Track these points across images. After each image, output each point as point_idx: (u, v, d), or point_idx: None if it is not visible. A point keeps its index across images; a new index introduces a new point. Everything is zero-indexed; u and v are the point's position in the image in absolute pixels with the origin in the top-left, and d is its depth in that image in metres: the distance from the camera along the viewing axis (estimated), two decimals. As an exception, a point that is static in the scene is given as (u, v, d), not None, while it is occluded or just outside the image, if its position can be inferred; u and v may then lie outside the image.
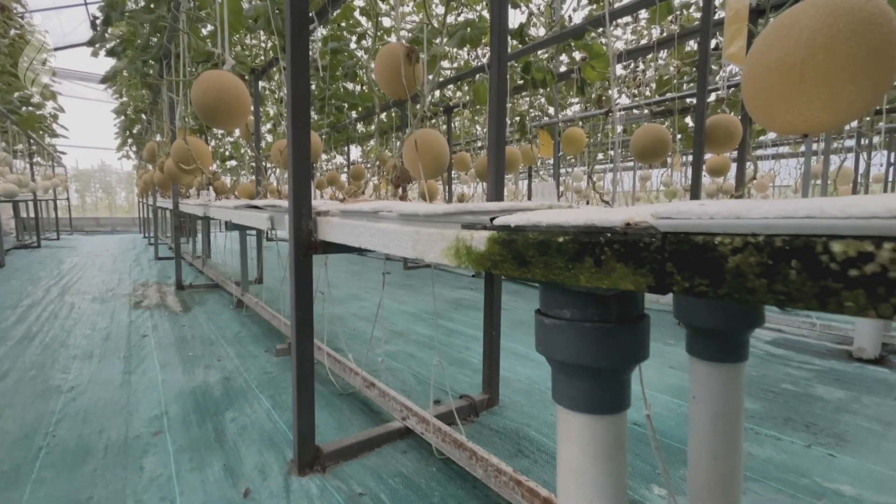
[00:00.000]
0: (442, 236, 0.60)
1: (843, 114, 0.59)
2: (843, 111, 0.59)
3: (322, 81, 4.48)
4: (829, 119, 0.61)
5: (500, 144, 1.28)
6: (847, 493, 0.95)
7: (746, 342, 0.71)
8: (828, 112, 0.60)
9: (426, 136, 1.59)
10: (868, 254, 0.26)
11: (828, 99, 0.59)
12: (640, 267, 0.37)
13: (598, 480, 0.50)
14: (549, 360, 0.53)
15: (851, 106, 0.58)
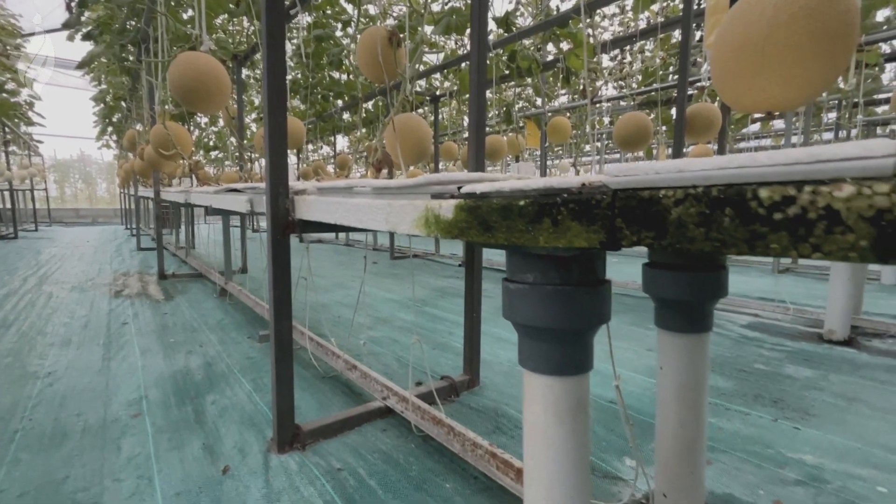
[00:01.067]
0: (413, 207, 0.61)
1: (804, 90, 0.61)
2: (804, 88, 0.61)
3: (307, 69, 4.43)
4: (790, 95, 0.63)
5: (480, 128, 1.28)
6: (809, 462, 0.99)
7: (710, 313, 0.74)
8: (789, 88, 0.62)
9: (407, 121, 1.59)
10: (791, 197, 0.28)
11: (789, 76, 0.61)
12: (592, 224, 0.39)
13: (560, 439, 0.52)
14: (515, 326, 0.54)
15: (811, 82, 0.60)
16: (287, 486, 0.89)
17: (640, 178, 0.36)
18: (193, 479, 0.91)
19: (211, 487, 0.88)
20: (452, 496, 0.86)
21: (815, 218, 0.27)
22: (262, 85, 0.94)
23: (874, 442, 1.07)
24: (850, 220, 0.26)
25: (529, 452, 0.55)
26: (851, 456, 1.01)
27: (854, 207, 0.25)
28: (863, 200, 0.25)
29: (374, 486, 0.89)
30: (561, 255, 0.49)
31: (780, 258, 3.79)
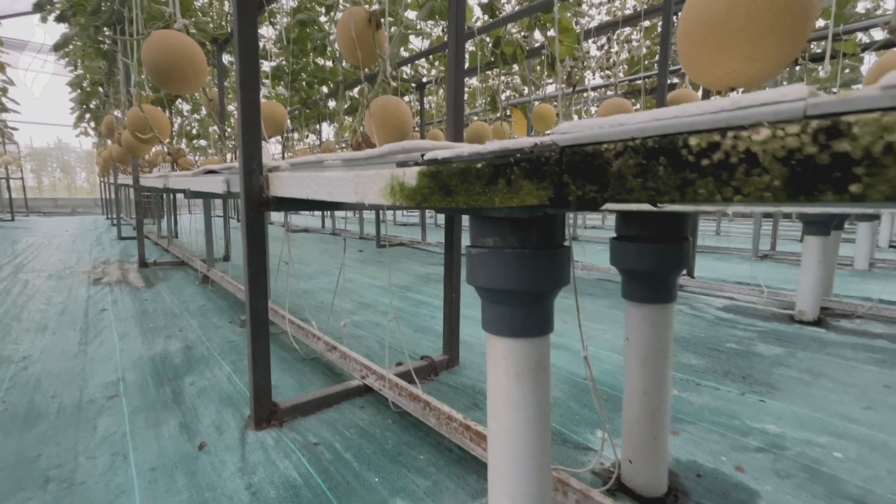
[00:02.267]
0: (379, 177, 0.61)
1: (764, 65, 0.63)
2: (764, 63, 0.62)
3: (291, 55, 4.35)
4: (751, 71, 0.64)
5: (458, 110, 1.29)
6: (771, 431, 1.03)
7: (674, 284, 0.76)
8: (750, 64, 0.63)
9: (387, 103, 1.58)
10: (716, 143, 0.29)
11: (749, 51, 0.62)
12: (542, 181, 0.40)
13: (521, 398, 0.54)
14: (478, 290, 0.55)
15: (771, 58, 0.62)
16: (263, 459, 0.90)
17: (584, 133, 0.37)
18: (169, 455, 0.92)
19: (187, 462, 0.89)
20: (426, 467, 0.88)
21: (736, 162, 0.28)
22: (235, 58, 0.92)
23: (834, 412, 1.12)
24: (765, 162, 0.27)
25: (492, 413, 0.57)
26: (812, 425, 1.06)
27: (769, 149, 0.27)
28: (776, 142, 0.26)
29: (349, 458, 0.91)
30: (520, 219, 0.50)
31: (756, 252, 3.88)
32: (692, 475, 0.87)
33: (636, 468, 0.82)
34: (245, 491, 0.80)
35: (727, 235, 5.87)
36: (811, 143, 0.25)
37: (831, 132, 0.25)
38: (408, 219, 9.79)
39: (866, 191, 0.24)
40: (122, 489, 0.81)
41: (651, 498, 0.81)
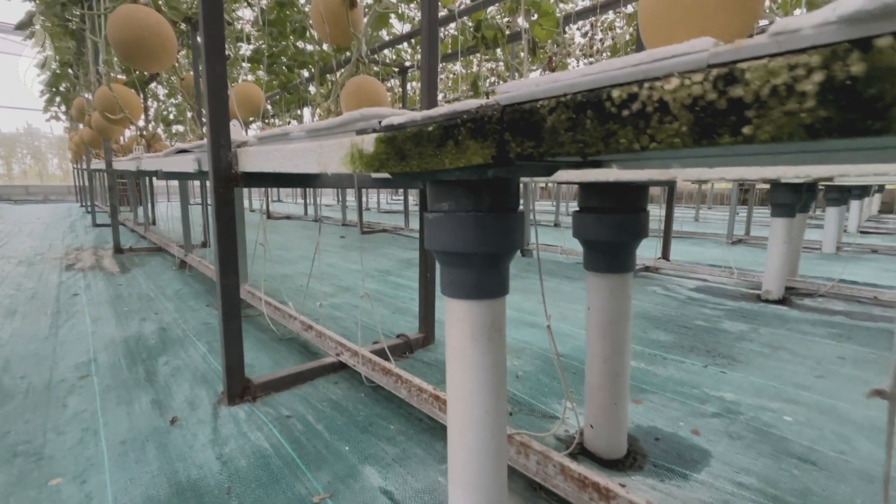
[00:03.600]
0: (340, 145, 0.62)
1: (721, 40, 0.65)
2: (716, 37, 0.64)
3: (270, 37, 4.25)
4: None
5: (431, 88, 1.29)
6: (728, 398, 1.08)
7: (632, 254, 0.79)
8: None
9: (362, 83, 1.57)
10: (634, 94, 0.31)
11: (704, 26, 0.64)
12: (485, 140, 0.41)
13: (477, 358, 0.56)
14: (436, 255, 0.57)
15: (723, 33, 0.64)
16: (235, 432, 0.91)
17: (522, 91, 0.38)
18: (140, 429, 0.92)
19: (158, 436, 0.90)
20: (396, 436, 0.91)
21: (651, 111, 0.30)
22: (199, 29, 0.91)
23: (789, 381, 1.18)
24: (675, 109, 0.29)
25: (450, 374, 0.59)
26: (766, 393, 1.11)
27: (678, 98, 0.29)
28: (684, 90, 0.28)
29: (321, 429, 0.92)
30: (472, 183, 0.52)
31: (731, 236, 3.98)
32: (651, 439, 0.91)
33: (597, 432, 0.85)
34: (216, 461, 0.81)
35: (705, 221, 6.00)
36: (712, 90, 0.27)
37: (728, 79, 0.26)
38: (391, 206, 9.74)
39: (756, 132, 0.26)
40: (92, 462, 0.82)
41: (611, 460, 0.85)
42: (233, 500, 0.72)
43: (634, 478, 0.79)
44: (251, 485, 0.75)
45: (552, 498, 0.73)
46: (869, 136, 0.22)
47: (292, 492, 0.73)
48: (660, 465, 0.83)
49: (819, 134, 0.24)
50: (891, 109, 0.21)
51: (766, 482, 0.77)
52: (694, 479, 0.79)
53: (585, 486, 0.68)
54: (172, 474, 0.78)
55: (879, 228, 5.06)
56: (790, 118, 0.24)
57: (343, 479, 0.77)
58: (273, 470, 0.79)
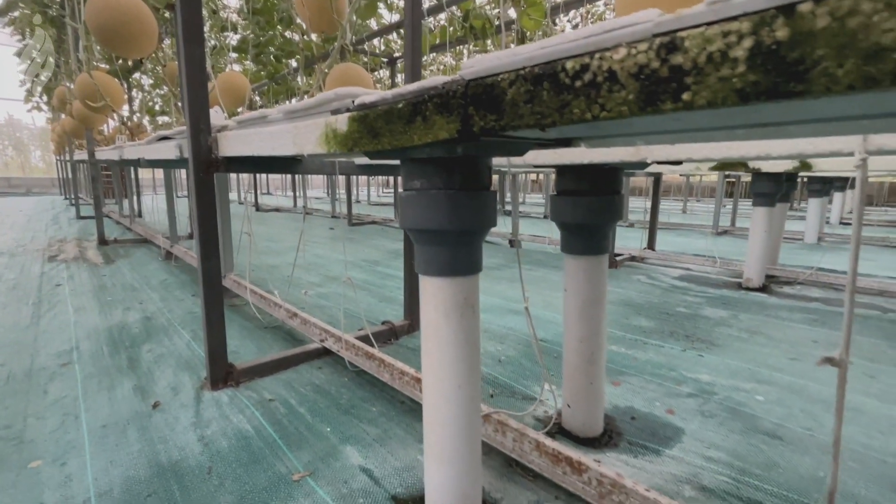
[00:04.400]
0: (315, 126, 0.63)
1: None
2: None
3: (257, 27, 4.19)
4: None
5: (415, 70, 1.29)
6: (703, 379, 1.11)
7: (607, 236, 0.80)
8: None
9: (347, 70, 1.56)
10: (586, 65, 0.32)
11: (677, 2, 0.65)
12: (451, 114, 0.42)
13: (450, 334, 0.57)
14: (410, 233, 0.58)
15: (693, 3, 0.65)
16: (217, 415, 0.92)
17: (484, 65, 0.39)
18: (122, 413, 0.92)
19: (139, 420, 0.90)
20: (378, 417, 0.92)
21: (601, 80, 0.31)
22: (176, 13, 0.90)
23: (763, 363, 1.21)
24: (623, 78, 0.30)
25: (425, 350, 0.60)
26: (741, 374, 1.14)
27: (625, 67, 0.30)
28: (631, 60, 0.29)
29: (303, 412, 0.93)
30: (443, 161, 0.53)
31: (716, 227, 4.03)
32: (627, 418, 0.94)
33: (574, 412, 0.87)
34: (197, 442, 0.82)
35: (692, 213, 6.07)
36: (655, 59, 0.28)
37: (670, 47, 0.28)
38: (382, 199, 9.71)
39: (694, 98, 0.27)
40: (73, 445, 0.82)
41: (587, 438, 0.87)
42: (213, 479, 0.72)
43: (609, 454, 0.82)
44: (232, 464, 0.76)
45: (528, 473, 0.75)
46: (792, 98, 0.24)
47: (273, 471, 0.74)
48: (634, 443, 0.85)
49: (749, 98, 0.25)
50: (810, 72, 0.23)
51: (734, 456, 0.80)
52: (666, 455, 0.81)
53: (559, 461, 0.70)
54: (153, 455, 0.78)
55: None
56: (724, 83, 0.26)
57: (323, 458, 0.78)
58: (254, 450, 0.80)
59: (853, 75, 0.22)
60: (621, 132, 0.48)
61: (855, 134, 0.45)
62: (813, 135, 0.41)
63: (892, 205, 7.92)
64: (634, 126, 0.42)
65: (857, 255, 0.45)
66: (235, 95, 2.22)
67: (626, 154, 0.68)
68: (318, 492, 0.69)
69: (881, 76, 0.21)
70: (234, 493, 0.69)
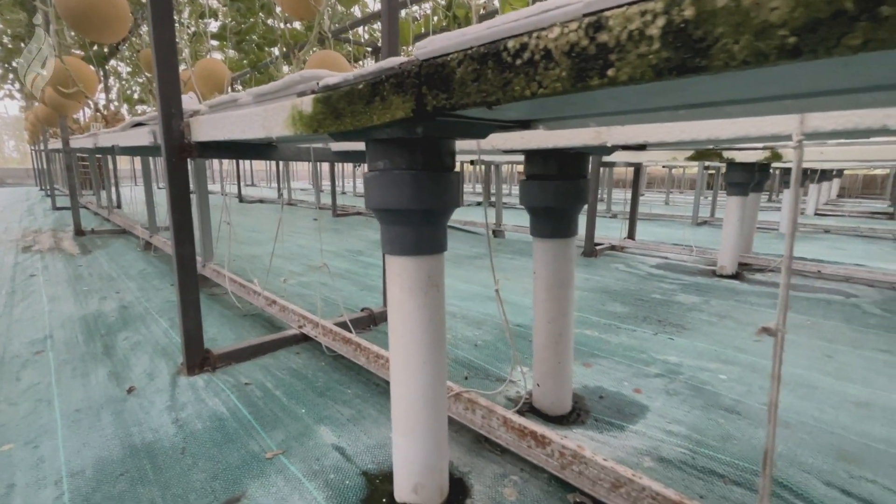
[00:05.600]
0: (282, 108, 0.63)
1: None
2: None
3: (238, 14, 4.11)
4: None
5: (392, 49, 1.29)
6: (672, 361, 1.15)
7: (574, 220, 0.83)
8: None
9: (325, 58, 1.56)
10: (525, 44, 0.33)
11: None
12: (406, 94, 0.43)
13: (414, 311, 0.59)
14: (376, 214, 0.59)
15: None
16: (192, 399, 0.92)
17: (436, 46, 0.40)
18: (96, 399, 0.93)
19: (114, 404, 0.90)
20: (352, 399, 0.94)
21: (538, 59, 0.33)
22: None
23: (729, 345, 1.26)
24: (557, 56, 0.32)
25: (391, 328, 0.62)
26: (707, 355, 1.19)
27: (559, 45, 0.31)
28: (563, 38, 0.31)
29: (278, 395, 0.95)
30: (406, 142, 0.54)
31: (696, 218, 4.11)
32: (596, 397, 0.97)
33: (543, 391, 0.90)
34: (172, 425, 0.83)
35: (674, 205, 6.17)
36: (584, 37, 0.30)
37: (597, 26, 0.29)
38: (369, 191, 9.63)
39: (617, 73, 0.29)
40: (45, 429, 0.82)
41: (556, 416, 0.90)
42: (187, 458, 0.74)
43: (576, 430, 0.85)
44: (206, 444, 0.77)
45: (496, 449, 0.78)
46: (697, 73, 0.26)
47: (246, 450, 0.76)
48: (601, 420, 0.89)
49: (662, 73, 0.27)
50: (712, 48, 0.25)
51: (694, 430, 0.84)
52: (630, 430, 0.84)
53: (524, 436, 0.73)
54: (127, 438, 0.79)
55: (835, 211, 5.31)
56: (642, 59, 0.28)
57: (297, 437, 0.80)
58: (228, 431, 0.81)
59: (747, 51, 0.24)
60: (573, 113, 0.50)
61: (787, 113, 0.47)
62: (744, 115, 0.43)
63: (866, 196, 8.16)
64: (580, 106, 0.44)
65: (793, 236, 0.48)
66: (214, 82, 2.19)
67: (587, 138, 0.70)
68: (291, 468, 0.71)
69: (769, 51, 0.23)
70: (208, 472, 0.70)
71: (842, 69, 0.26)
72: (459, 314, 1.50)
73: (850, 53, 0.21)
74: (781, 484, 0.69)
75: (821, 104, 0.41)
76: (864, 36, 0.20)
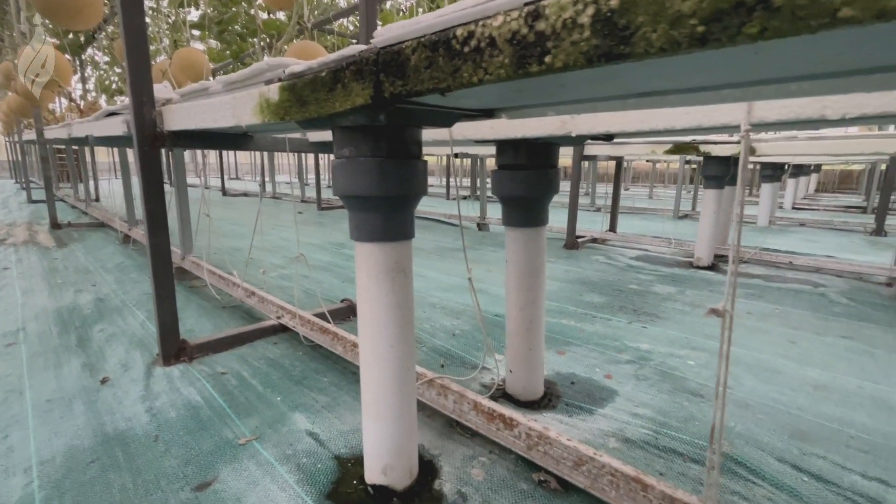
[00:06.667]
0: (250, 96, 0.63)
1: None
2: None
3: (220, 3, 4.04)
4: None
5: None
6: (643, 348, 1.19)
7: (544, 209, 0.84)
8: None
9: (304, 48, 1.55)
10: (472, 32, 0.35)
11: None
12: (365, 81, 0.44)
13: (381, 297, 0.60)
14: (342, 199, 0.60)
15: None
16: (167, 388, 0.93)
17: (393, 33, 0.41)
18: (68, 389, 0.92)
19: (87, 394, 0.90)
20: (328, 387, 0.95)
21: (484, 46, 0.34)
22: (112, -18, 0.88)
23: (699, 333, 1.29)
24: (500, 44, 0.33)
25: (360, 314, 0.63)
26: (678, 343, 1.22)
27: (502, 33, 0.33)
28: (506, 27, 0.32)
29: (254, 383, 0.95)
30: (371, 130, 0.55)
31: (677, 212, 4.19)
32: (567, 383, 1.00)
33: (516, 377, 0.92)
34: (145, 413, 0.83)
35: (658, 199, 6.26)
36: (524, 25, 0.31)
37: (535, 15, 0.31)
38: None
39: (553, 60, 0.30)
40: (16, 419, 0.81)
41: (528, 401, 0.92)
42: (160, 446, 0.74)
43: (546, 415, 0.87)
44: (179, 432, 0.77)
45: (466, 432, 0.80)
46: (622, 60, 0.27)
47: (220, 436, 0.77)
48: (571, 404, 0.91)
49: (592, 60, 0.28)
50: (634, 36, 0.26)
51: (658, 412, 0.87)
52: (598, 414, 0.87)
53: (493, 419, 0.75)
54: (99, 427, 0.79)
55: (812, 205, 5.44)
56: (574, 47, 0.29)
57: (271, 424, 0.81)
58: (202, 419, 0.82)
59: (663, 39, 0.25)
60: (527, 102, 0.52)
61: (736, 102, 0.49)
62: (687, 104, 0.45)
63: (842, 191, 8.37)
64: (531, 94, 0.45)
65: (740, 224, 0.50)
66: (193, 72, 2.16)
67: (553, 128, 0.72)
68: (263, 453, 0.72)
69: (681, 39, 0.25)
70: (180, 458, 0.71)
71: (753, 56, 0.28)
72: (440, 304, 1.52)
73: (749, 42, 0.23)
74: (737, 461, 0.72)
75: (762, 93, 0.43)
76: (761, 25, 0.22)
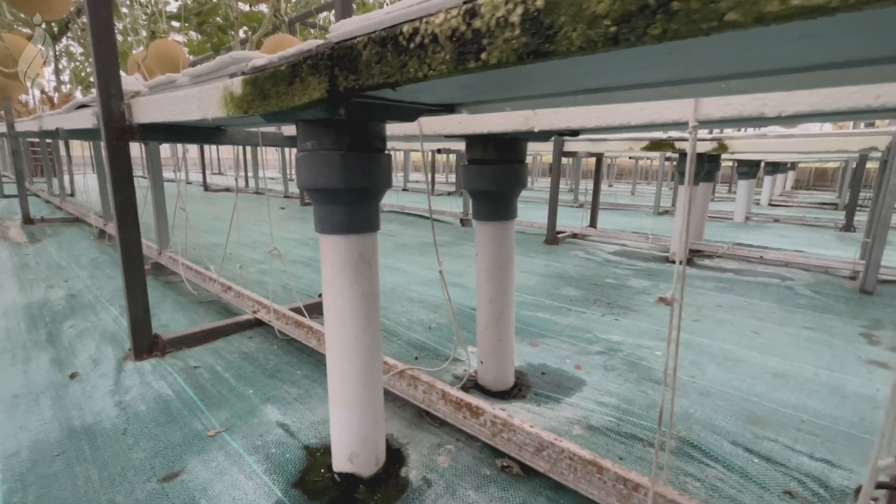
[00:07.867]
0: (216, 89, 0.64)
1: None
2: None
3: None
4: None
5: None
6: (614, 339, 1.22)
7: (512, 203, 0.86)
8: None
9: (281, 41, 1.54)
10: (417, 29, 0.36)
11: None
12: (320, 75, 0.45)
13: (345, 288, 0.61)
14: (306, 192, 0.61)
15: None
16: (138, 382, 0.92)
17: (346, 29, 0.42)
18: (35, 384, 0.91)
19: (55, 389, 0.89)
20: (301, 380, 0.96)
21: (427, 42, 0.35)
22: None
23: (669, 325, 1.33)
24: (442, 40, 0.34)
25: (326, 305, 0.64)
26: (648, 335, 1.26)
27: (443, 30, 0.34)
28: (446, 24, 0.34)
29: (227, 377, 0.96)
30: (333, 123, 0.56)
31: (657, 208, 4.26)
32: (538, 373, 1.02)
33: (486, 367, 0.94)
34: (114, 407, 0.83)
35: (640, 195, 6.36)
36: (462, 23, 0.33)
37: (472, 13, 0.32)
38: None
39: (488, 57, 0.32)
40: (-20, 415, 0.81)
41: (499, 391, 0.94)
42: (128, 438, 0.74)
43: (515, 404, 0.89)
44: (148, 425, 0.78)
45: (435, 421, 0.81)
46: (549, 57, 0.29)
47: (189, 428, 0.77)
48: (540, 394, 0.93)
49: (522, 57, 0.30)
50: (557, 35, 0.28)
51: (623, 400, 0.90)
52: (565, 402, 0.90)
53: (461, 408, 0.76)
54: (66, 421, 0.79)
55: (788, 202, 5.59)
56: (507, 44, 0.30)
57: (242, 416, 0.81)
58: (172, 412, 0.82)
59: (582, 38, 0.27)
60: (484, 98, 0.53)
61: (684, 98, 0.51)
62: (631, 100, 0.47)
63: (818, 188, 8.61)
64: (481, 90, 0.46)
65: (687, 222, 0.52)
66: (170, 64, 2.12)
67: (517, 124, 0.74)
68: (232, 444, 0.73)
69: (597, 38, 0.26)
70: (148, 450, 0.71)
71: (668, 56, 0.30)
72: (418, 299, 1.53)
73: (655, 42, 0.24)
74: (693, 444, 0.76)
75: (701, 91, 0.45)
76: (662, 27, 0.24)
